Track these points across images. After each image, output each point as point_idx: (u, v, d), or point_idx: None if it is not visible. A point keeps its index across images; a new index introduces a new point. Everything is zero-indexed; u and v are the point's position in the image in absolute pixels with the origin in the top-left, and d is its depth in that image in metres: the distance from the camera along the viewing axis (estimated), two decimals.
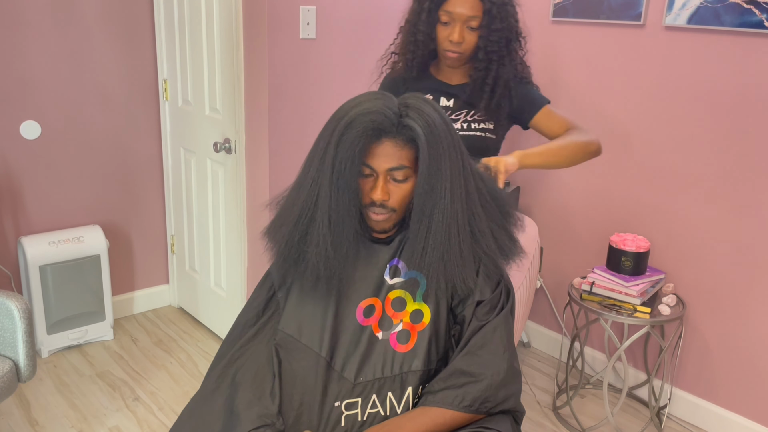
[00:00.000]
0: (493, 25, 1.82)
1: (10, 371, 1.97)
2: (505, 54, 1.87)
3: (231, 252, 2.85)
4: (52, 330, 2.82)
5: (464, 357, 1.26)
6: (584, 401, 2.70)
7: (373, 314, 1.31)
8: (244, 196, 2.67)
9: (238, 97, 2.57)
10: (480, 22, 1.83)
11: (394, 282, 1.32)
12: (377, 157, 1.23)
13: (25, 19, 2.66)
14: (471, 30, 1.84)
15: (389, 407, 1.27)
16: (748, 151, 2.29)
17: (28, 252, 2.70)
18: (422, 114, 1.21)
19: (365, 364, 1.28)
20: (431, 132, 1.21)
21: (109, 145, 2.99)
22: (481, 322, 1.29)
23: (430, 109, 1.24)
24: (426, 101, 1.26)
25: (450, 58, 1.89)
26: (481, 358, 1.25)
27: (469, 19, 1.82)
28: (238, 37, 2.51)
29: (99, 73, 2.89)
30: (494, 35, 1.83)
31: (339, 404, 1.27)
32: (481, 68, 1.88)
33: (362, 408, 1.27)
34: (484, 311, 1.30)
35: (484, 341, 1.27)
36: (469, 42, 1.86)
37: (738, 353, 2.43)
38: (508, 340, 1.30)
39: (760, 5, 2.16)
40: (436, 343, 1.31)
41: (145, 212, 3.19)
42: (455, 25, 1.83)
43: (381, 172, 1.24)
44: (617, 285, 2.36)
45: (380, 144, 1.22)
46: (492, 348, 1.27)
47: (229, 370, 1.31)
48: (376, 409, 1.27)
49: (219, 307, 3.01)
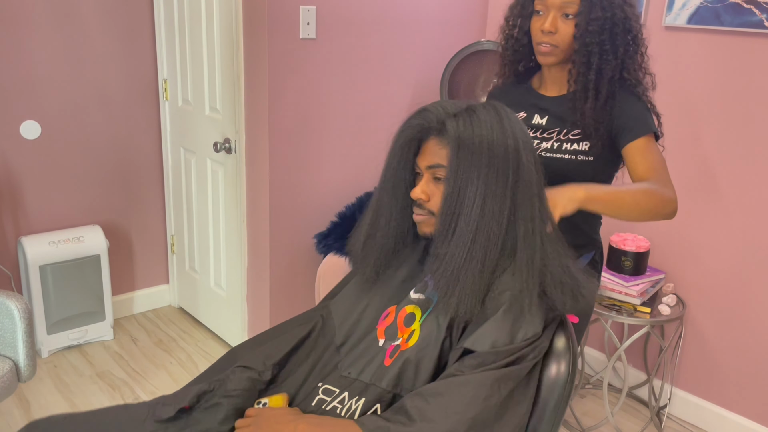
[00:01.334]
0: (593, 13, 1.56)
1: (10, 371, 1.97)
2: (609, 48, 1.57)
3: (231, 252, 2.85)
4: (52, 330, 2.82)
5: (414, 397, 1.12)
6: (584, 401, 2.70)
7: (386, 319, 1.30)
8: (244, 196, 2.67)
9: (238, 97, 2.57)
10: (578, 9, 1.57)
11: (416, 297, 1.29)
12: (422, 155, 1.25)
13: (25, 18, 2.66)
14: (567, 18, 1.58)
15: (346, 410, 1.22)
16: (748, 150, 2.29)
17: (28, 252, 2.70)
18: (469, 117, 1.19)
19: (356, 362, 1.28)
20: (468, 134, 1.17)
21: (109, 145, 2.99)
22: (454, 372, 1.13)
23: (487, 116, 1.19)
24: (492, 109, 1.20)
25: (543, 53, 1.63)
26: (428, 406, 1.09)
27: (564, 5, 1.57)
28: (238, 37, 2.51)
29: (99, 73, 2.89)
30: (593, 24, 1.56)
31: (321, 385, 1.27)
32: (580, 62, 1.60)
33: (333, 399, 1.24)
34: (470, 363, 1.13)
35: (442, 390, 1.10)
36: (564, 33, 1.59)
37: (738, 353, 2.43)
38: (477, 406, 1.08)
39: (760, 5, 2.16)
40: (415, 370, 1.19)
41: (145, 212, 3.19)
42: (548, 13, 1.59)
43: (423, 170, 1.24)
44: (617, 285, 2.36)
45: (427, 143, 1.24)
46: (445, 402, 1.08)
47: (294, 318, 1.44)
48: (340, 406, 1.23)
49: (219, 307, 3.01)
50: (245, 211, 2.69)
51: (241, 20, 2.48)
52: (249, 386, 1.25)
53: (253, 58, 2.47)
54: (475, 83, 2.80)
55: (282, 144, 2.52)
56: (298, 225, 2.65)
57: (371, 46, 2.67)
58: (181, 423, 1.22)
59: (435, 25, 2.86)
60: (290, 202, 2.60)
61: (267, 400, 1.23)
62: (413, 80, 2.86)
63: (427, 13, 2.81)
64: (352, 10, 2.57)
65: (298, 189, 2.61)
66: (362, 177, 2.79)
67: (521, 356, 1.14)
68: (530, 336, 1.15)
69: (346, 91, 2.64)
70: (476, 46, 2.71)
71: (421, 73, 2.88)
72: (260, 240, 2.63)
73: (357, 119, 2.72)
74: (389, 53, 2.74)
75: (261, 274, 2.67)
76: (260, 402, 1.23)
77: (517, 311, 1.16)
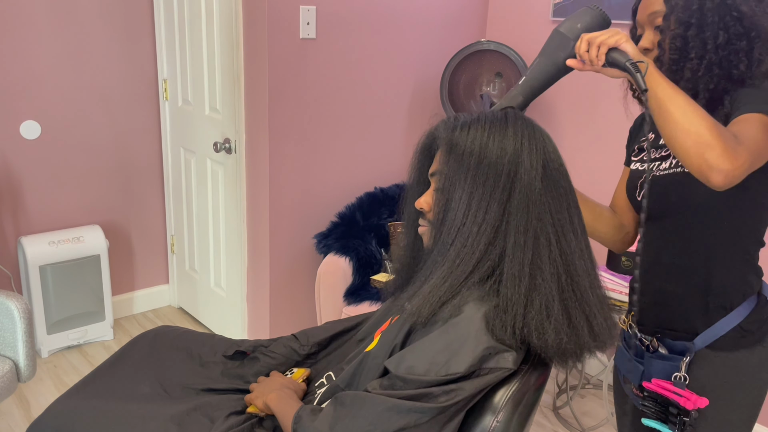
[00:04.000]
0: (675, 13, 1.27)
1: (10, 371, 1.97)
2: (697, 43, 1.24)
3: (231, 252, 2.85)
4: (52, 330, 2.82)
5: (335, 397, 1.09)
6: (584, 401, 2.70)
7: (384, 324, 1.29)
8: (244, 196, 2.67)
9: (238, 97, 2.57)
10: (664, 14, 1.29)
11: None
12: (433, 164, 1.20)
13: (26, 19, 2.66)
14: (659, 31, 1.32)
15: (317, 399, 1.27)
16: None
17: (28, 252, 2.70)
18: (470, 124, 1.12)
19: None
20: (462, 140, 1.10)
21: (109, 144, 2.99)
22: (367, 386, 1.08)
23: (490, 123, 1.11)
24: (502, 118, 1.12)
25: None
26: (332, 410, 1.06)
27: (652, 17, 1.32)
28: (238, 37, 2.51)
29: (99, 73, 2.89)
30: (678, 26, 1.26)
31: (329, 372, 1.33)
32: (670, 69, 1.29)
33: (319, 386, 1.31)
34: (382, 383, 1.06)
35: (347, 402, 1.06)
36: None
37: None
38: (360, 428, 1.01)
39: None
40: (365, 372, 1.16)
41: (145, 212, 3.19)
42: (645, 32, 1.35)
43: (430, 179, 1.18)
44: (617, 285, 2.36)
45: (437, 153, 1.17)
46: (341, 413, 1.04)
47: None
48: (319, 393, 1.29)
49: (219, 307, 3.01)
50: (245, 211, 2.69)
51: (241, 20, 2.48)
52: (287, 353, 1.42)
53: (253, 58, 2.47)
54: (475, 83, 2.80)
55: (282, 144, 2.52)
56: (298, 225, 2.65)
57: (371, 46, 2.67)
58: (235, 363, 1.42)
59: (435, 25, 2.86)
60: (290, 202, 2.60)
61: (294, 371, 1.38)
62: (413, 80, 2.86)
63: (427, 13, 2.81)
64: (352, 10, 2.57)
65: (298, 189, 2.61)
66: (362, 177, 2.79)
67: (427, 394, 1.00)
68: (449, 373, 1.00)
69: (346, 91, 2.64)
70: (476, 46, 2.71)
71: (421, 73, 2.88)
72: (260, 240, 2.63)
73: (357, 119, 2.72)
74: (389, 53, 2.74)
75: (261, 274, 2.67)
76: (291, 371, 1.39)
77: (454, 337, 1.02)
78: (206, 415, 1.23)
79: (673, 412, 1.27)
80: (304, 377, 1.35)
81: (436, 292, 1.07)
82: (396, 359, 1.06)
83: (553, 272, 1.06)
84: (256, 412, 1.25)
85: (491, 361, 1.02)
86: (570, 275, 1.07)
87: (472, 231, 1.07)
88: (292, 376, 1.35)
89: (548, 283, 1.05)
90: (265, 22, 2.36)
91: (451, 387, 1.00)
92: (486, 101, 2.74)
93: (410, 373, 1.02)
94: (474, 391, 1.02)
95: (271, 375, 1.34)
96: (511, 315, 1.03)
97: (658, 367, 1.33)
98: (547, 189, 1.08)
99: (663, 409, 1.29)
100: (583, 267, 1.09)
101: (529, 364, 1.12)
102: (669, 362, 1.31)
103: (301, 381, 1.33)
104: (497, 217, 1.07)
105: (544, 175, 1.08)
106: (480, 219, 1.07)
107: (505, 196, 1.07)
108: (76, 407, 1.29)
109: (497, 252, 1.07)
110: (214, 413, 1.23)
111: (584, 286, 1.08)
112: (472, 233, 1.07)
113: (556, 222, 1.08)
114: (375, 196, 2.75)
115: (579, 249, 1.09)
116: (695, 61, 1.25)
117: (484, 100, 2.76)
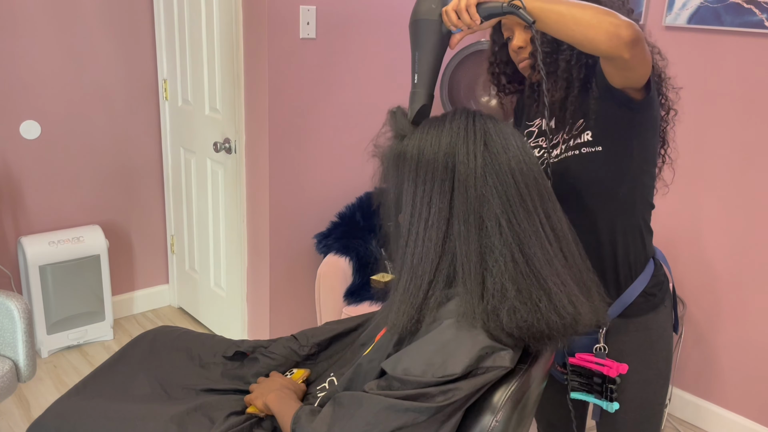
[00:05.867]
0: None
1: (10, 371, 1.97)
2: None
3: (231, 252, 2.85)
4: (52, 330, 2.82)
5: (334, 398, 1.10)
6: None
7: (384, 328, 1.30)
8: (244, 196, 2.67)
9: (238, 97, 2.57)
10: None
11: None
12: None
13: (26, 19, 2.66)
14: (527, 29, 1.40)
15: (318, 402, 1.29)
16: (748, 150, 2.29)
17: (28, 252, 2.70)
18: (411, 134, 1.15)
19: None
20: (396, 144, 1.15)
21: (109, 144, 2.99)
22: (365, 387, 1.08)
23: (433, 123, 1.13)
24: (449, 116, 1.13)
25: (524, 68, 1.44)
26: (331, 411, 1.08)
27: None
28: (238, 37, 2.51)
29: (99, 73, 2.89)
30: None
31: (331, 375, 1.34)
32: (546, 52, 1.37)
33: (320, 390, 1.32)
34: (379, 383, 1.07)
35: (345, 402, 1.06)
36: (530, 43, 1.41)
37: (738, 353, 2.43)
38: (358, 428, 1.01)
39: (761, 5, 2.16)
40: (363, 376, 1.17)
41: (145, 212, 3.19)
42: (513, 32, 1.41)
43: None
44: None
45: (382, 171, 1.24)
46: (339, 413, 1.06)
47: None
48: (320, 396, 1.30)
49: (219, 307, 3.01)
50: (245, 211, 2.69)
51: (241, 20, 2.48)
52: (286, 354, 1.42)
53: (253, 58, 2.47)
54: (475, 83, 2.80)
55: (282, 144, 2.52)
56: (298, 225, 2.65)
57: (371, 46, 2.67)
58: (235, 363, 1.43)
59: None
60: (290, 202, 2.60)
61: (294, 372, 1.39)
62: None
63: None
64: (352, 10, 2.57)
65: (298, 189, 2.61)
66: (362, 177, 2.79)
67: (424, 394, 1.00)
68: (446, 374, 1.00)
69: (346, 91, 2.64)
70: (476, 46, 2.71)
71: None
72: (260, 240, 2.63)
73: (357, 119, 2.72)
74: (389, 53, 2.74)
75: (261, 274, 2.67)
76: (291, 371, 1.39)
77: (449, 338, 1.02)
78: (206, 415, 1.24)
79: (597, 381, 1.36)
80: (304, 378, 1.36)
81: (405, 299, 1.08)
82: (392, 361, 1.06)
83: (506, 254, 1.03)
84: (255, 412, 1.26)
85: (488, 360, 1.02)
86: (525, 255, 1.04)
87: (420, 228, 1.07)
88: (292, 377, 1.36)
89: (500, 265, 1.03)
90: (265, 22, 2.36)
91: (449, 387, 1.00)
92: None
93: (410, 374, 1.02)
94: (471, 391, 1.02)
95: (271, 375, 1.34)
96: (471, 304, 1.03)
97: (579, 343, 1.41)
98: (489, 173, 1.06)
99: (587, 381, 1.38)
100: (540, 244, 1.05)
101: (528, 363, 1.12)
102: (588, 336, 1.38)
103: (301, 381, 1.34)
104: (445, 210, 1.07)
105: (485, 160, 1.06)
106: (425, 215, 1.07)
107: (447, 187, 1.07)
108: (77, 407, 1.29)
109: (453, 245, 1.07)
110: (214, 413, 1.24)
111: (541, 262, 1.04)
112: (420, 231, 1.07)
113: (505, 203, 1.05)
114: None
115: (534, 226, 1.06)
116: (567, 51, 1.32)
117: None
